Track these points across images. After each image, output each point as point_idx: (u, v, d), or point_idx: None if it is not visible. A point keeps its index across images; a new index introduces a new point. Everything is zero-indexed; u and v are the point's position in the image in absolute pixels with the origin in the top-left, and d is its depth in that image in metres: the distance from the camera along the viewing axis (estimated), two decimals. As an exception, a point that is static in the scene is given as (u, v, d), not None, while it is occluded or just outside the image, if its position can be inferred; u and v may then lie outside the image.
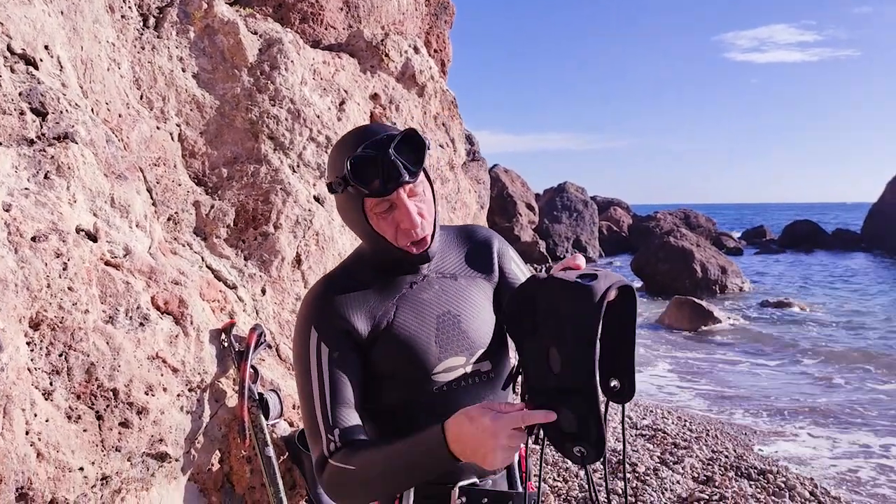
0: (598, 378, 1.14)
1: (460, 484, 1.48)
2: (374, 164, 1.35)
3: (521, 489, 1.55)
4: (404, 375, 1.45)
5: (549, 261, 23.75)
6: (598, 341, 1.14)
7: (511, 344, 1.36)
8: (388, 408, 1.48)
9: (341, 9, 3.94)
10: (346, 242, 3.36)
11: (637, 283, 20.30)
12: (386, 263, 1.50)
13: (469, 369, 1.49)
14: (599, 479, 3.71)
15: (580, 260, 1.28)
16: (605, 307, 1.18)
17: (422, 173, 1.45)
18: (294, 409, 2.79)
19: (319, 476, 1.37)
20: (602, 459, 1.19)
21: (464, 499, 1.47)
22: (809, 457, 6.36)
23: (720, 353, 11.33)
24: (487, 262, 1.61)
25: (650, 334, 12.62)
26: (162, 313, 2.35)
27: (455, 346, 1.49)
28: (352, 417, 1.38)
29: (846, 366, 10.31)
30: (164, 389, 2.26)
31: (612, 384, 1.30)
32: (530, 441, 1.24)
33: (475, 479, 1.50)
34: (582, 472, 4.76)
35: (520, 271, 1.65)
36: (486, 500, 1.48)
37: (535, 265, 20.20)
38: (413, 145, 1.39)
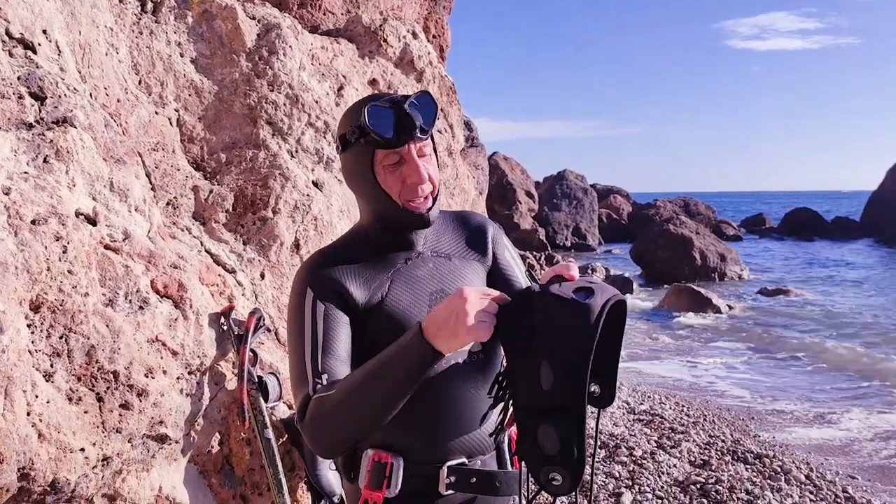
0: (587, 399, 1.13)
1: (449, 463, 1.49)
2: (390, 115, 1.40)
3: (510, 469, 1.57)
4: None
5: (549, 248, 23.78)
6: (590, 361, 1.12)
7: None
8: None
9: (339, -6, 3.93)
10: (344, 227, 3.37)
11: (636, 271, 20.34)
12: (383, 236, 1.52)
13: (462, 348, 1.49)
14: (597, 461, 3.74)
15: (574, 270, 1.27)
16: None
17: (430, 141, 1.49)
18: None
19: (301, 421, 1.34)
20: (576, 490, 1.16)
21: (452, 478, 1.48)
22: (807, 440, 6.40)
23: (719, 339, 11.37)
24: (482, 247, 1.63)
25: (649, 321, 12.66)
26: (161, 297, 2.36)
27: None
28: (342, 368, 1.38)
29: (844, 353, 10.36)
30: (164, 372, 2.28)
31: (592, 389, 1.29)
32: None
33: (464, 459, 1.51)
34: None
35: (512, 260, 1.68)
36: (474, 479, 1.49)
37: (535, 253, 20.22)
38: (426, 105, 1.44)
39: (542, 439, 1.15)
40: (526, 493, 1.37)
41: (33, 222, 1.99)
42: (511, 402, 1.22)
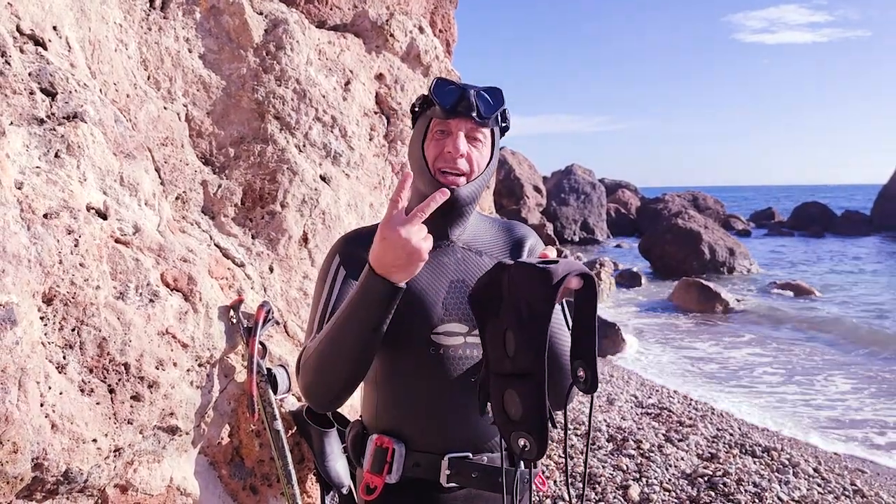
0: (546, 362, 1.15)
1: (450, 455, 1.49)
2: (454, 92, 1.47)
3: (521, 468, 1.54)
4: (407, 328, 1.48)
5: (557, 243, 23.74)
6: (548, 325, 1.16)
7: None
8: (387, 360, 1.52)
9: (346, -11, 3.94)
10: (351, 222, 3.39)
11: (645, 265, 20.29)
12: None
13: (469, 340, 1.51)
14: (605, 454, 3.74)
15: (549, 251, 1.33)
16: (574, 297, 1.24)
17: (490, 137, 1.54)
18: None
19: (297, 370, 1.44)
20: (542, 456, 1.17)
21: (453, 470, 1.48)
22: (814, 434, 6.39)
23: (728, 334, 11.35)
24: (517, 254, 1.66)
25: (657, 315, 12.64)
26: (171, 290, 2.39)
27: (460, 312, 1.52)
28: None
29: (855, 347, 10.32)
30: (175, 364, 2.31)
31: (579, 373, 1.30)
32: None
33: (468, 454, 1.50)
34: (584, 457, 4.81)
35: None
36: (475, 473, 1.48)
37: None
38: (492, 98, 1.50)
39: (508, 404, 1.18)
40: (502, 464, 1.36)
41: (45, 216, 2.02)
42: (484, 371, 1.25)
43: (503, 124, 1.58)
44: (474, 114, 1.46)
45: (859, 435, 6.40)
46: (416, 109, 1.56)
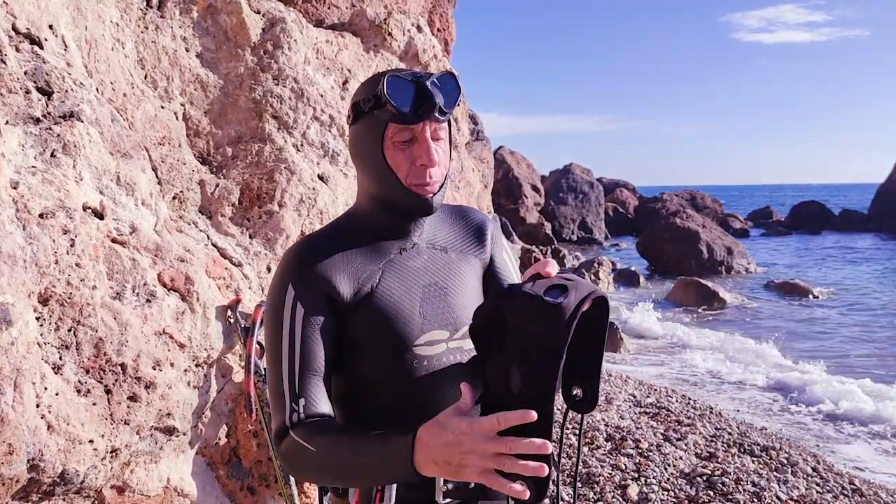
0: (553, 406, 1.05)
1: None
2: (410, 89, 1.30)
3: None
4: (385, 344, 1.37)
5: (555, 242, 23.75)
6: (560, 366, 1.06)
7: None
8: (364, 378, 1.39)
9: (344, -12, 3.93)
10: (350, 221, 3.38)
11: (643, 265, 20.31)
12: (383, 221, 1.42)
13: (451, 345, 1.41)
14: (603, 453, 3.74)
15: (551, 267, 1.20)
16: (581, 315, 1.11)
17: (447, 126, 1.39)
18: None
19: (277, 445, 1.29)
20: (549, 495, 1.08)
21: (450, 485, 1.35)
22: (814, 435, 6.39)
23: (725, 333, 11.35)
24: (480, 243, 1.55)
25: (656, 315, 12.63)
26: (168, 290, 2.38)
27: (439, 318, 1.41)
28: (319, 389, 1.31)
29: (854, 346, 10.33)
30: (172, 365, 2.30)
31: (574, 392, 1.23)
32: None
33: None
34: (584, 449, 4.81)
35: (508, 259, 1.61)
36: (471, 484, 1.33)
37: (541, 247, 20.20)
38: (449, 87, 1.34)
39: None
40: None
41: (41, 216, 2.01)
42: (480, 404, 1.14)
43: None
44: (437, 112, 1.31)
45: (860, 434, 6.40)
46: (364, 108, 1.36)
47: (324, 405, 1.30)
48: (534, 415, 1.02)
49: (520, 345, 1.09)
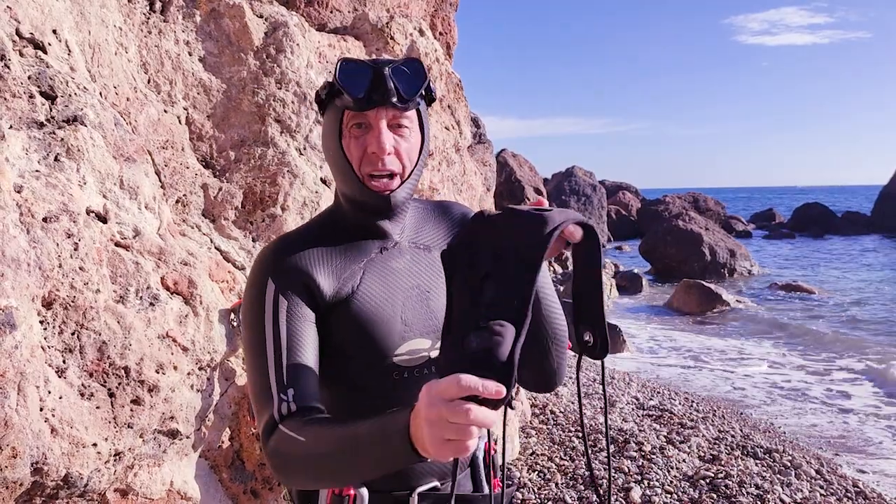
0: (530, 314, 0.94)
1: (420, 489, 1.33)
2: (365, 75, 1.23)
3: (486, 490, 1.41)
4: (363, 353, 1.29)
5: (558, 245, 23.68)
6: (537, 275, 0.96)
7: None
8: (340, 385, 1.31)
9: (346, -8, 3.94)
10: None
11: (645, 267, 20.28)
12: (354, 218, 1.36)
13: (434, 354, 1.33)
14: (605, 457, 3.72)
15: (545, 203, 1.13)
16: (573, 253, 1.07)
17: (416, 116, 1.31)
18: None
19: (265, 444, 1.16)
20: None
21: None
22: (819, 436, 6.38)
23: (728, 335, 11.34)
24: None
25: (659, 318, 12.63)
26: (171, 293, 2.38)
27: (421, 325, 1.33)
28: (310, 378, 1.20)
29: (855, 347, 10.31)
30: (175, 368, 2.31)
31: (586, 338, 1.13)
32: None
33: (436, 483, 1.35)
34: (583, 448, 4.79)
35: None
36: None
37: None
38: (411, 73, 1.26)
39: (471, 342, 0.94)
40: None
41: (45, 220, 2.01)
42: (443, 331, 1.01)
43: (429, 97, 1.33)
44: (395, 99, 1.23)
45: (860, 434, 6.39)
46: (322, 96, 1.30)
47: (315, 397, 1.19)
48: (501, 390, 0.87)
49: (495, 255, 1.00)
